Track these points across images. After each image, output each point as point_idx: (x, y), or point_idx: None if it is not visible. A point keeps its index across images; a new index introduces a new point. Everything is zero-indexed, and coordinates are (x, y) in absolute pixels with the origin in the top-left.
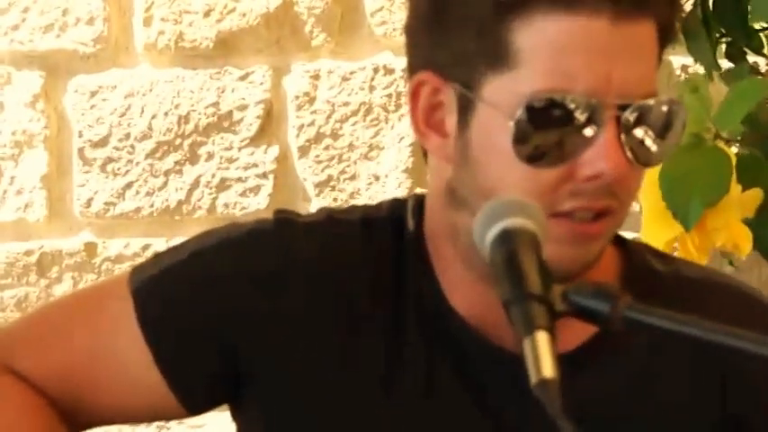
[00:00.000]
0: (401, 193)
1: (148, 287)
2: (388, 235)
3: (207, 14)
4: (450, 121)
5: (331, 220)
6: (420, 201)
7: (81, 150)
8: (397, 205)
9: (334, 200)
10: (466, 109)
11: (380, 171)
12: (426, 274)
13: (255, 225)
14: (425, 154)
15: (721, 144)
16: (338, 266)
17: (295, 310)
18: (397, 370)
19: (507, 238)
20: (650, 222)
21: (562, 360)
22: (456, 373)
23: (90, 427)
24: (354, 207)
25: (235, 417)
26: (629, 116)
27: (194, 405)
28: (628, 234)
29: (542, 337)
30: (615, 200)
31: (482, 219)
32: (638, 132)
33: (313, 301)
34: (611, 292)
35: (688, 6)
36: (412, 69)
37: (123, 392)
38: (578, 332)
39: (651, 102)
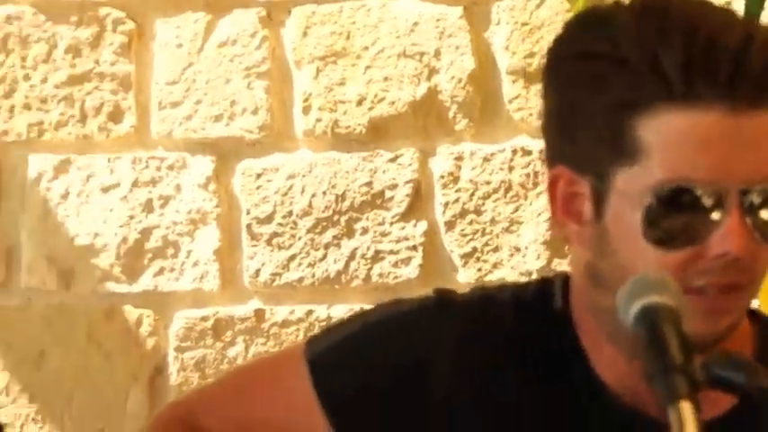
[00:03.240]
0: (540, 263)
1: (323, 358)
2: (537, 314)
3: (359, 103)
4: (587, 210)
5: (484, 299)
6: (566, 280)
7: (249, 226)
8: (545, 285)
9: (479, 270)
10: (599, 199)
11: (521, 243)
12: (575, 351)
13: (418, 303)
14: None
15: None
16: (490, 345)
17: (449, 385)
18: None
19: (649, 314)
20: None
21: (713, 425)
22: None
23: None
24: (505, 286)
25: None
26: (752, 200)
27: None
28: None
29: (686, 407)
30: (744, 275)
31: (625, 296)
32: (763, 214)
33: (464, 378)
34: (750, 363)
35: None
36: (549, 162)
37: None
38: (728, 397)
39: None
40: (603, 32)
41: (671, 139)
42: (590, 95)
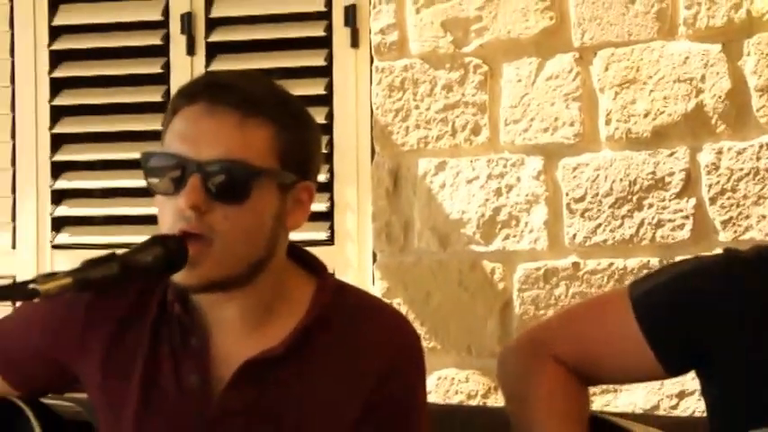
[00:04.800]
0: None
1: (643, 298)
2: None
3: (646, 116)
4: None
5: (761, 256)
6: None
7: (568, 205)
8: None
9: (734, 232)
10: None
11: (766, 213)
12: None
13: (713, 258)
14: None
15: None
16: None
17: (740, 315)
18: None
19: None
20: None
21: None
22: None
23: (596, 384)
24: None
25: (699, 378)
26: None
27: (674, 372)
28: None
29: None
30: None
31: None
32: None
33: (751, 310)
34: None
35: None
36: None
37: (622, 365)
38: None
39: None
40: None
41: None
42: None
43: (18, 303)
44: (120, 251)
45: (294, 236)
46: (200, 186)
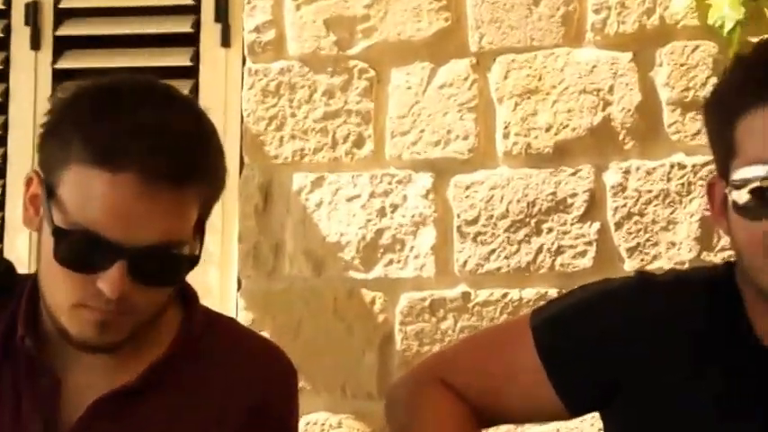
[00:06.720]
0: (692, 255)
1: (544, 326)
2: (725, 288)
3: (548, 130)
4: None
5: (680, 279)
6: None
7: (459, 227)
8: (730, 266)
9: (641, 261)
10: (726, 195)
11: (676, 239)
12: (742, 316)
13: (623, 281)
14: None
15: None
16: (682, 314)
17: (651, 345)
18: (734, 390)
19: None
20: None
21: None
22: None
23: (493, 424)
24: (699, 268)
25: (604, 419)
26: None
27: (576, 410)
28: None
29: None
30: None
31: None
32: None
33: (664, 339)
34: None
35: None
36: None
37: (521, 400)
38: None
39: None
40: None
41: (752, 134)
42: (714, 118)
43: None
44: None
45: None
46: (126, 274)
